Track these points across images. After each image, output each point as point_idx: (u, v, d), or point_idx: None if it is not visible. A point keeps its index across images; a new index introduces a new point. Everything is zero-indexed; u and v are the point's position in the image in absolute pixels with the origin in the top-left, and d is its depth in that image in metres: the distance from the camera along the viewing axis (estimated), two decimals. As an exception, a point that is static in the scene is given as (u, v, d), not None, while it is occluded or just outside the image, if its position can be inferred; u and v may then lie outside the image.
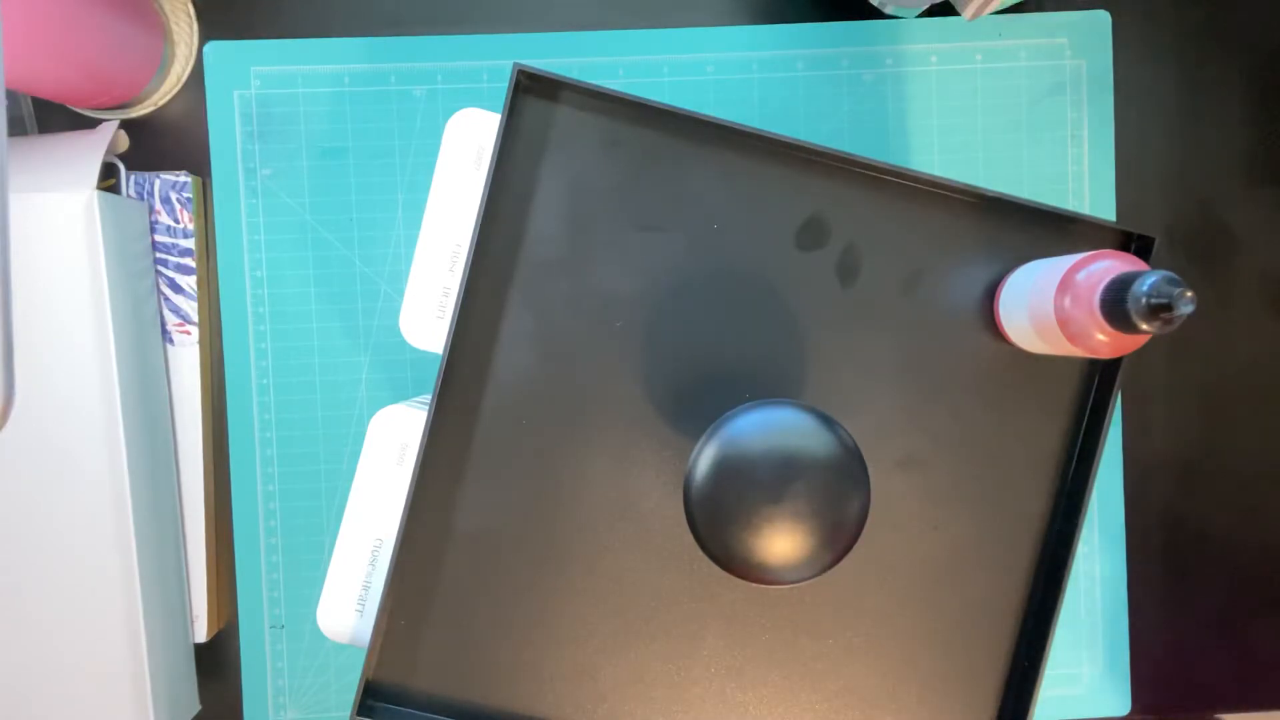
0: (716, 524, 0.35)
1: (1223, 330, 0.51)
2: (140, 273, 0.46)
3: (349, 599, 0.40)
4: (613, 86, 0.49)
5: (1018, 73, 0.50)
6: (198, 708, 0.49)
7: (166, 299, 0.48)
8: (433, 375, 0.43)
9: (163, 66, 0.48)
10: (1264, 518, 0.51)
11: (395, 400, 0.49)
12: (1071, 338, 0.34)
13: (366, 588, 0.40)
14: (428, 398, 0.41)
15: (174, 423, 0.48)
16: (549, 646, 0.40)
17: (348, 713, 0.50)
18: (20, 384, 0.30)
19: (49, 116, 0.48)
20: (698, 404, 0.40)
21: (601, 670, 0.40)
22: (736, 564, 0.35)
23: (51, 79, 0.43)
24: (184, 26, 0.48)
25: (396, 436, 0.40)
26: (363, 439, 0.49)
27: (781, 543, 0.33)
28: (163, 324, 0.48)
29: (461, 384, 0.40)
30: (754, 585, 0.40)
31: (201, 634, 0.48)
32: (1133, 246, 0.40)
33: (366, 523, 0.40)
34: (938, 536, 0.41)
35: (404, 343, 0.49)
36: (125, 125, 0.48)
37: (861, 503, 0.34)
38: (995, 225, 0.41)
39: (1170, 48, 0.51)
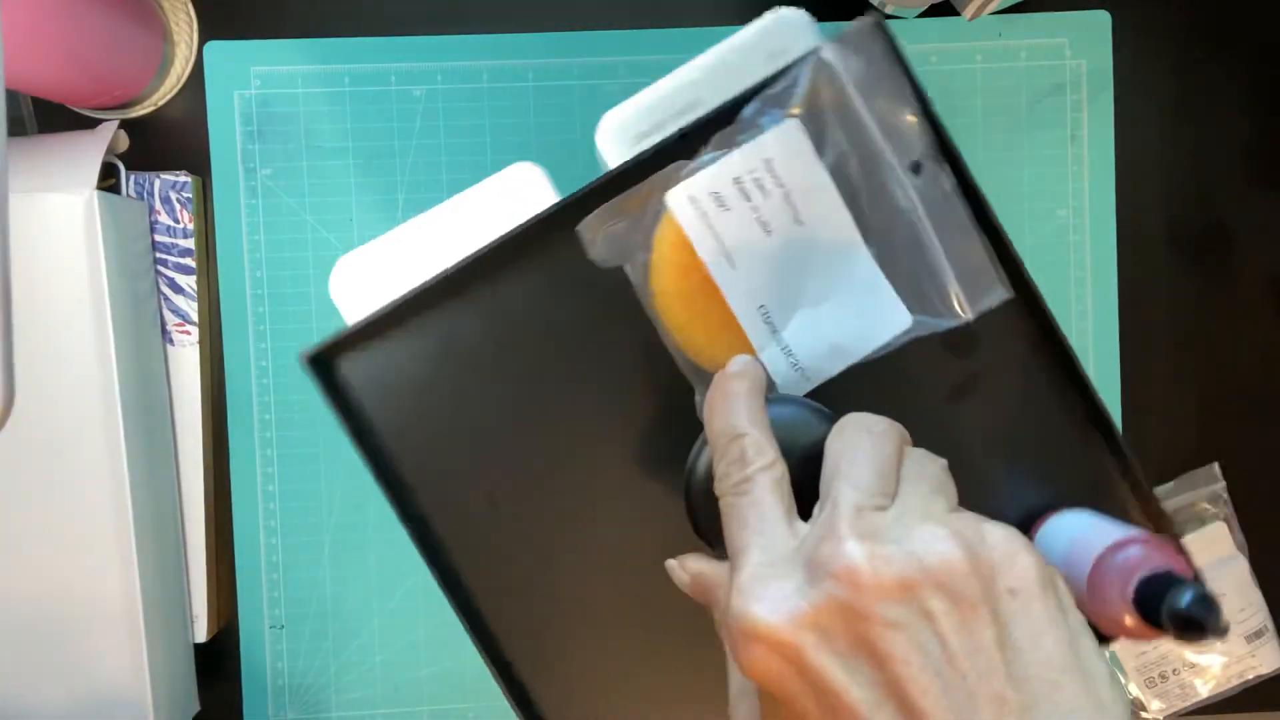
0: (718, 521, 0.35)
1: (1223, 330, 0.51)
2: (140, 273, 0.46)
3: (372, 276, 0.38)
4: (610, 88, 0.48)
5: (1018, 73, 0.50)
6: (198, 708, 0.49)
7: (166, 299, 0.48)
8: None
9: (163, 66, 0.48)
10: (1264, 518, 0.51)
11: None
12: (1094, 615, 0.34)
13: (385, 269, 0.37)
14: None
15: (174, 423, 0.48)
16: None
17: (348, 713, 0.50)
18: (20, 384, 0.30)
19: (49, 116, 0.48)
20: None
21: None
22: None
23: (51, 79, 0.43)
24: (184, 26, 0.48)
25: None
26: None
27: None
28: (163, 324, 0.48)
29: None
30: None
31: (201, 634, 0.48)
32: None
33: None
34: None
35: (404, 343, 0.49)
36: (125, 125, 0.48)
37: None
38: None
39: (1170, 48, 0.51)
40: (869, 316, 0.34)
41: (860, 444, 0.29)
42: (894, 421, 0.31)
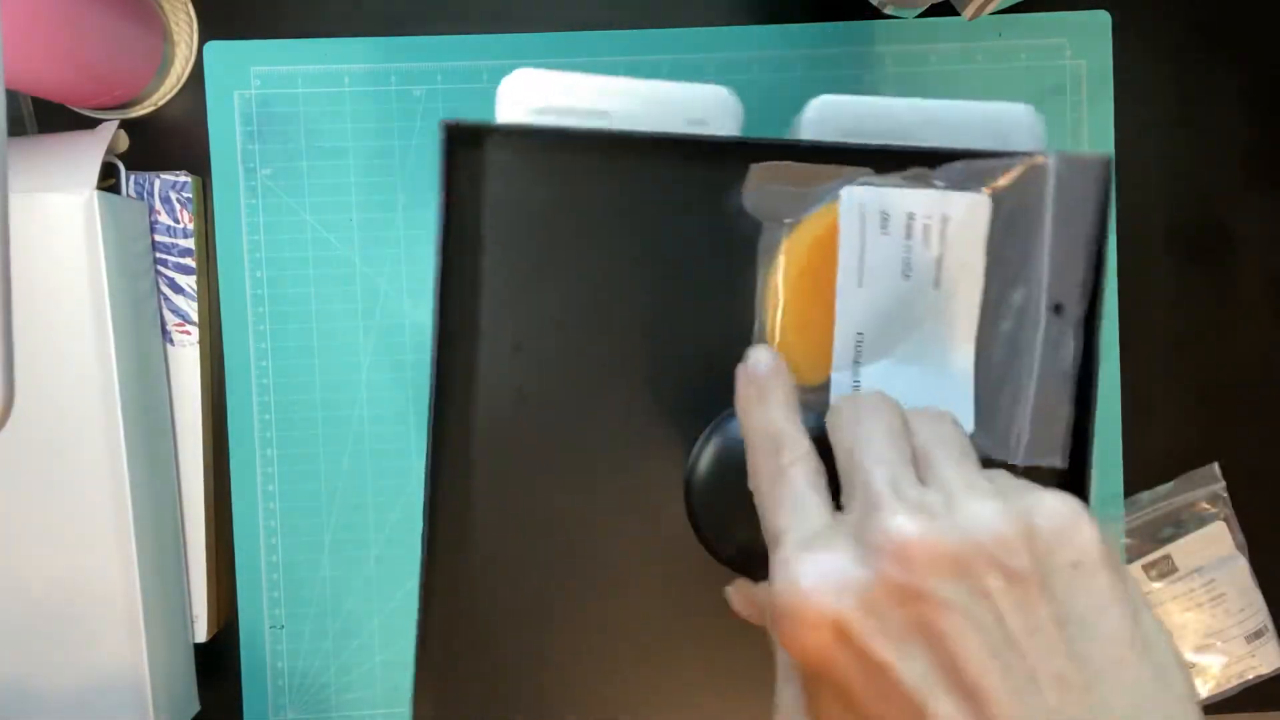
0: (719, 519, 0.35)
1: (1223, 330, 0.51)
2: (140, 273, 0.46)
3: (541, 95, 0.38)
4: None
5: (1018, 73, 0.50)
6: (198, 708, 0.49)
7: (166, 299, 0.48)
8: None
9: (163, 66, 0.48)
10: (1264, 518, 0.51)
11: (395, 398, 0.49)
12: None
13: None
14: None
15: (174, 423, 0.48)
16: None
17: (348, 713, 0.50)
18: (20, 384, 0.30)
19: (49, 116, 0.48)
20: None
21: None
22: (740, 559, 0.35)
23: (51, 79, 0.43)
24: (184, 26, 0.48)
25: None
26: (364, 438, 0.49)
27: None
28: (163, 324, 0.48)
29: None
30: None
31: (201, 634, 0.48)
32: None
33: None
34: None
35: (404, 343, 0.49)
36: (125, 125, 0.48)
37: None
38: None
39: (1170, 48, 0.51)
40: (936, 403, 0.34)
41: (863, 420, 0.29)
42: (882, 392, 0.30)
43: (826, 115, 0.40)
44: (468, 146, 0.39)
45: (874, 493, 0.26)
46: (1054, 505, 0.25)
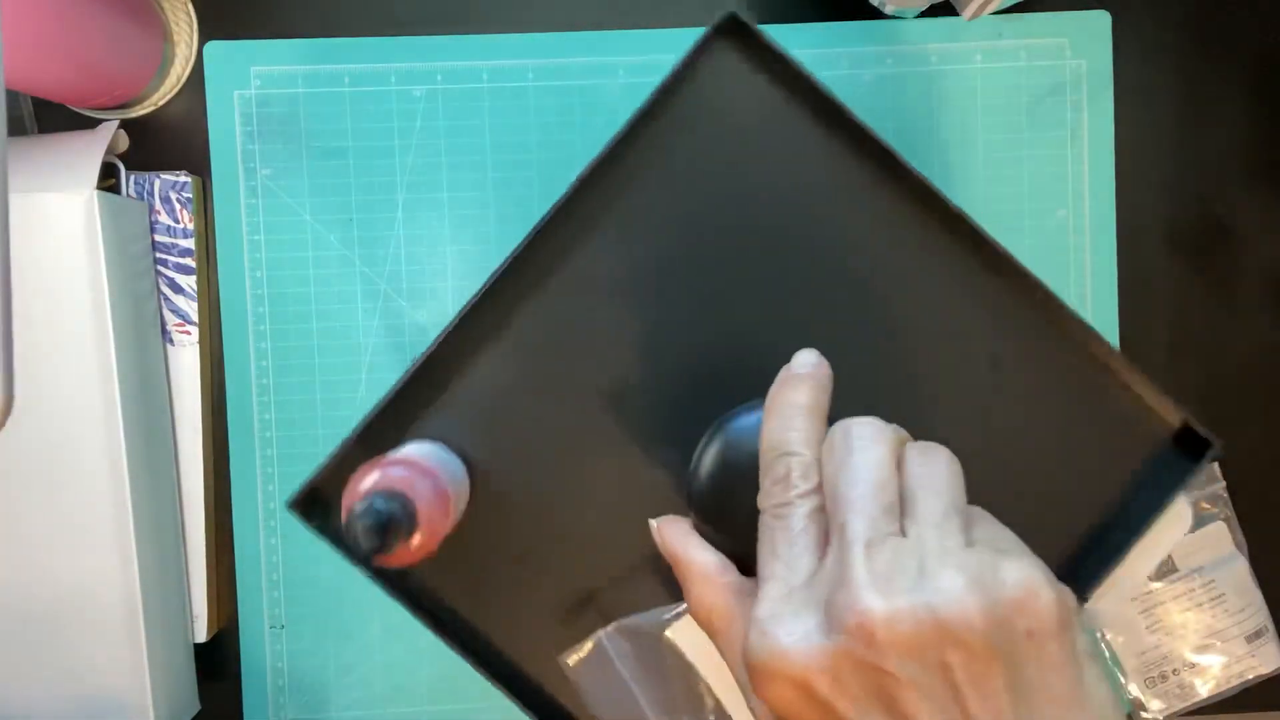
0: (720, 519, 0.35)
1: (1223, 330, 0.51)
2: (140, 273, 0.46)
3: None
4: (610, 88, 0.48)
5: (1018, 73, 0.50)
6: (198, 708, 0.49)
7: (166, 299, 0.48)
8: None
9: (163, 66, 0.48)
10: (1264, 518, 0.51)
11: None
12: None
13: None
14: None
15: (174, 423, 0.48)
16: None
17: (348, 713, 0.50)
18: (20, 384, 0.30)
19: (49, 116, 0.48)
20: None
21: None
22: (741, 560, 0.35)
23: (51, 79, 0.43)
24: (184, 26, 0.48)
25: None
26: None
27: None
28: (163, 324, 0.48)
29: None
30: None
31: (201, 634, 0.48)
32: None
33: None
34: None
35: (405, 343, 0.49)
36: (125, 125, 0.48)
37: None
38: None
39: (1170, 48, 0.51)
40: None
41: (849, 459, 0.29)
42: (881, 421, 0.30)
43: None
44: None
45: (849, 552, 0.27)
46: (1017, 576, 0.26)
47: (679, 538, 0.35)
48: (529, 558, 0.41)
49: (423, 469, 0.34)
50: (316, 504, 0.40)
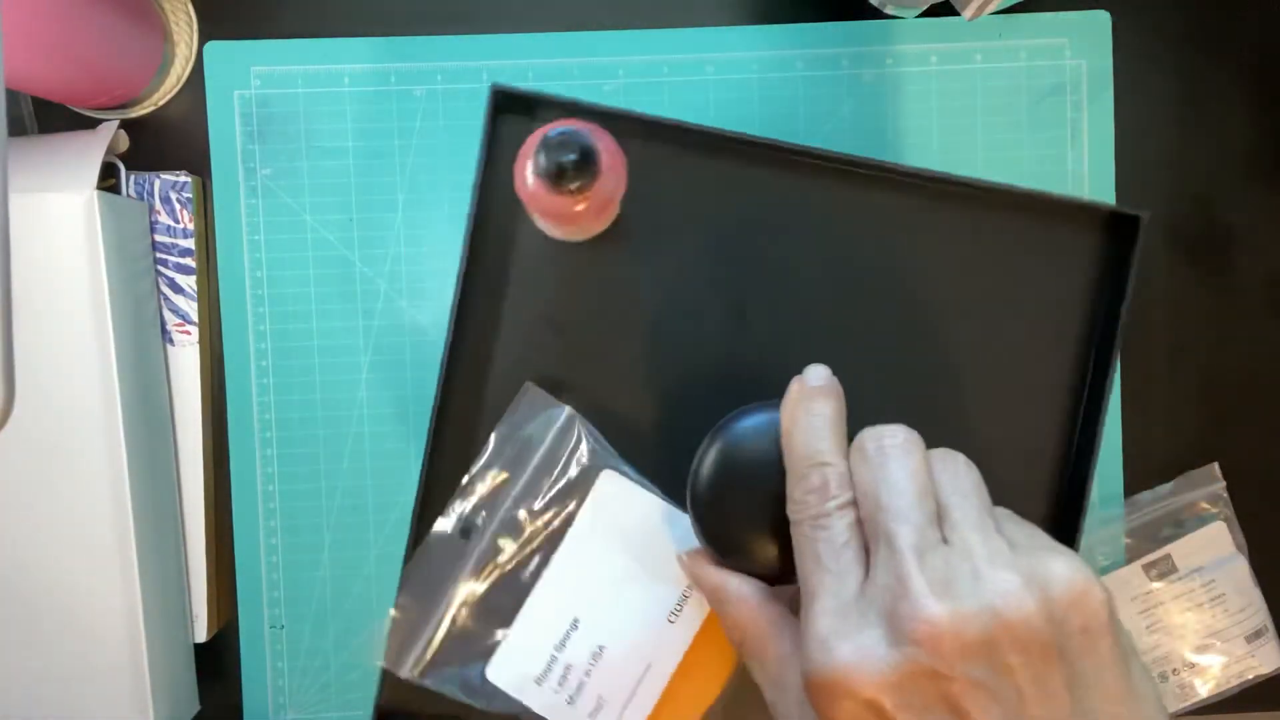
0: (721, 522, 0.35)
1: (1223, 330, 0.51)
2: (140, 273, 0.46)
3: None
4: (610, 88, 0.49)
5: (1018, 73, 0.50)
6: (198, 708, 0.49)
7: (166, 299, 0.48)
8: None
9: (163, 66, 0.48)
10: (1264, 518, 0.51)
11: (395, 401, 0.49)
12: (542, 214, 0.34)
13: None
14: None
15: (174, 423, 0.48)
16: None
17: (348, 713, 0.50)
18: (20, 384, 0.30)
19: (49, 116, 0.48)
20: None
21: None
22: (742, 561, 0.35)
23: (51, 79, 0.43)
24: (184, 26, 0.48)
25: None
26: (364, 438, 0.49)
27: (786, 540, 0.33)
28: (163, 324, 0.48)
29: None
30: None
31: (201, 634, 0.48)
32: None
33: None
34: None
35: (404, 343, 0.49)
36: (125, 125, 0.48)
37: None
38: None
39: (1170, 48, 0.51)
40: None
41: (886, 467, 0.29)
42: (907, 428, 0.31)
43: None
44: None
45: (901, 559, 0.27)
46: (1068, 574, 0.27)
47: (707, 565, 0.35)
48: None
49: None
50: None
